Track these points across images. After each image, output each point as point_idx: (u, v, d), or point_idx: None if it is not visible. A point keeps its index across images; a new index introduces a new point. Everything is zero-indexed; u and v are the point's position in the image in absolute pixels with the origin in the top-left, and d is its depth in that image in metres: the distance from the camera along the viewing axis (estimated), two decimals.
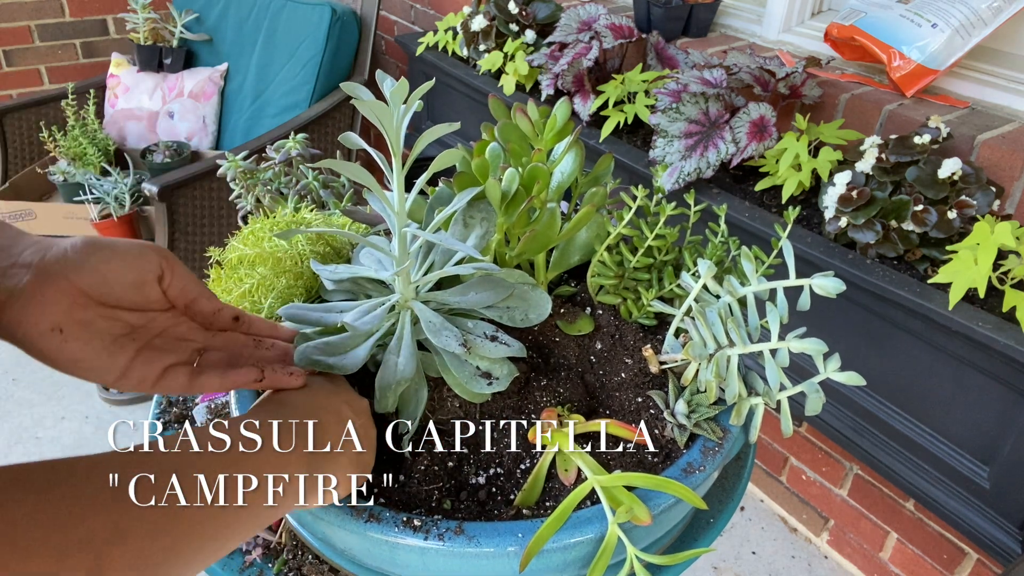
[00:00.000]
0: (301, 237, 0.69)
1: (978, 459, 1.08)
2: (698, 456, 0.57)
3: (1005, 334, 0.95)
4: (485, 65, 1.65)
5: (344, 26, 2.11)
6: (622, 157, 1.37)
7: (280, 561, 0.63)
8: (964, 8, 1.23)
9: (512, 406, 0.61)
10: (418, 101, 0.54)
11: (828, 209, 1.12)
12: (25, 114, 2.12)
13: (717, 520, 0.66)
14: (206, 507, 0.40)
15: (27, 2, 2.48)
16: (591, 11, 1.55)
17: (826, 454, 1.56)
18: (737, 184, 1.29)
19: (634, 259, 0.67)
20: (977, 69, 1.32)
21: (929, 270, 1.06)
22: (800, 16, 1.60)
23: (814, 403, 0.55)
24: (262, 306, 0.65)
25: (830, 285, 0.54)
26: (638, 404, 0.62)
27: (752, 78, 1.28)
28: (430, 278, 0.60)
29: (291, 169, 0.92)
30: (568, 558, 0.51)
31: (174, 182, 1.71)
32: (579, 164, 0.67)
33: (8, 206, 1.87)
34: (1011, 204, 1.13)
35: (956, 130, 1.16)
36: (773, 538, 1.71)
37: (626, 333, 0.69)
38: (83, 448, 1.91)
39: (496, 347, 0.57)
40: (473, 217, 0.64)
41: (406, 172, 0.56)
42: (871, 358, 1.15)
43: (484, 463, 0.58)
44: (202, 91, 2.23)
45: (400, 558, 0.52)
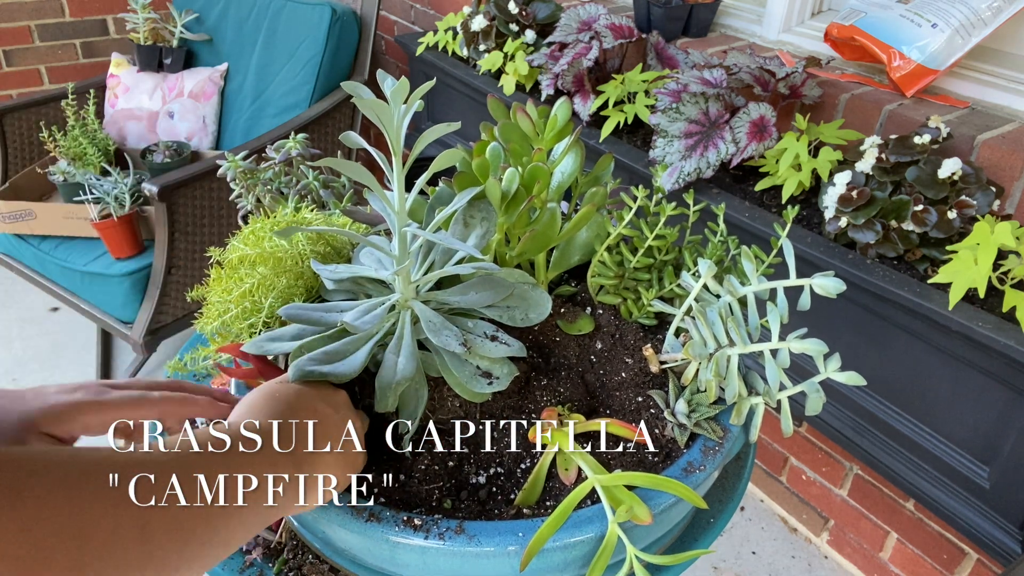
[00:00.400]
0: (301, 237, 0.69)
1: (978, 459, 1.08)
2: (698, 456, 0.57)
3: (1005, 334, 0.95)
4: (485, 65, 1.65)
5: (344, 26, 2.11)
6: (622, 157, 1.37)
7: (280, 561, 0.63)
8: (964, 8, 1.23)
9: (512, 406, 0.61)
10: (418, 101, 0.54)
11: (828, 209, 1.12)
12: (25, 114, 2.12)
13: (717, 520, 0.66)
14: (204, 508, 0.40)
15: (27, 2, 2.48)
16: (591, 11, 1.55)
17: (826, 454, 1.56)
18: (737, 184, 1.29)
19: (634, 259, 0.67)
20: (977, 69, 1.32)
21: (929, 270, 1.06)
22: (800, 16, 1.60)
23: (814, 403, 0.55)
24: (263, 305, 0.65)
25: (830, 285, 0.54)
26: (638, 404, 0.62)
27: (752, 78, 1.28)
28: (430, 278, 0.60)
29: (291, 169, 0.92)
30: (568, 557, 0.51)
31: (174, 182, 1.71)
32: (579, 164, 0.67)
33: (8, 206, 1.87)
34: (1011, 204, 1.13)
35: (956, 130, 1.16)
36: (773, 538, 1.71)
37: (626, 333, 0.69)
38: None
39: (496, 347, 0.57)
40: (473, 217, 0.64)
41: (406, 172, 0.56)
42: (871, 358, 1.15)
43: (484, 463, 0.58)
44: (202, 91, 2.23)
45: (400, 557, 0.52)
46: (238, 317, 0.65)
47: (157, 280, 1.80)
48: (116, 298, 1.85)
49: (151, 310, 1.81)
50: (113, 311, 1.89)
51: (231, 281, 0.66)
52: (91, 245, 1.89)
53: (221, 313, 0.66)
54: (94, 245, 1.89)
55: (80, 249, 1.89)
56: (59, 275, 1.93)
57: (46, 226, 1.91)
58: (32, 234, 1.93)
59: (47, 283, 1.97)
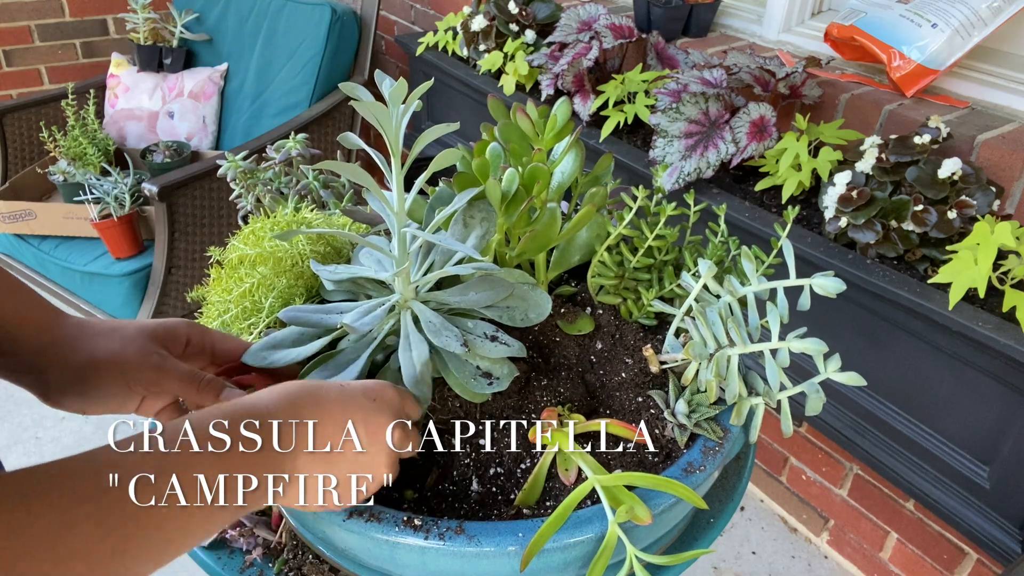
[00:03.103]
0: (301, 237, 0.69)
1: (978, 459, 1.08)
2: (698, 456, 0.57)
3: (1005, 334, 0.95)
4: (485, 65, 1.65)
5: (344, 26, 2.11)
6: (622, 157, 1.37)
7: (280, 561, 0.63)
8: (964, 8, 1.23)
9: (512, 406, 0.61)
10: (417, 101, 0.54)
11: (828, 209, 1.12)
12: (25, 114, 2.12)
13: (717, 520, 0.66)
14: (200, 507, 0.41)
15: (27, 2, 2.48)
16: (591, 11, 1.55)
17: (826, 454, 1.56)
18: (737, 184, 1.29)
19: (634, 259, 0.67)
20: (977, 69, 1.32)
21: (929, 270, 1.06)
22: (800, 16, 1.60)
23: (814, 403, 0.55)
24: (263, 305, 0.65)
25: (830, 285, 0.54)
26: (638, 404, 0.62)
27: (752, 78, 1.28)
28: (430, 278, 0.60)
29: (291, 169, 0.93)
30: (568, 558, 0.51)
31: (174, 182, 1.71)
32: (579, 164, 0.67)
33: (8, 206, 1.87)
34: (1011, 204, 1.13)
35: (956, 130, 1.16)
36: (773, 538, 1.71)
37: (626, 333, 0.69)
38: (83, 448, 1.90)
39: (496, 347, 0.57)
40: (473, 217, 0.64)
41: (405, 172, 0.56)
42: (871, 358, 1.15)
43: (484, 463, 0.58)
44: (202, 91, 2.23)
45: (400, 557, 0.52)
46: (238, 317, 0.65)
47: (157, 280, 1.80)
48: (116, 298, 1.86)
49: (151, 310, 1.81)
50: (113, 311, 1.89)
51: (231, 281, 0.66)
52: (91, 245, 1.89)
53: (221, 313, 0.66)
54: (94, 245, 1.89)
55: (80, 249, 1.89)
56: (59, 275, 1.93)
57: (46, 226, 1.91)
58: (32, 234, 1.93)
59: (47, 283, 1.97)
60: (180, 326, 0.58)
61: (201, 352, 0.59)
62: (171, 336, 0.57)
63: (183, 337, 0.58)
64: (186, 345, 0.58)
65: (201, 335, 0.59)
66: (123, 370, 0.54)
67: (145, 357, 0.54)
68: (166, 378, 0.54)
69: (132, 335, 0.55)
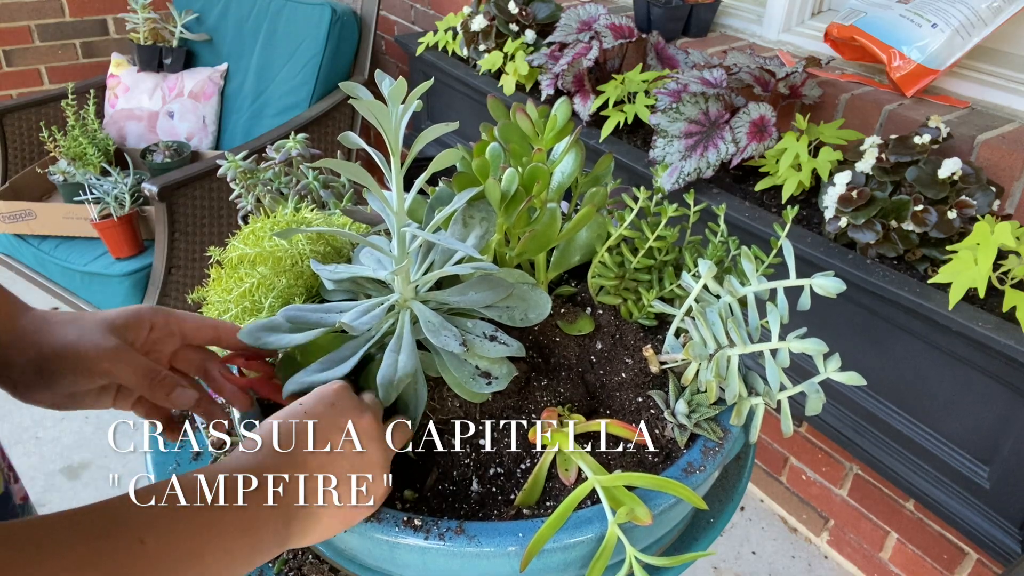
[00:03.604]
0: (301, 237, 0.69)
1: (978, 459, 1.08)
2: (698, 456, 0.57)
3: (1005, 334, 0.95)
4: (485, 65, 1.65)
5: (344, 26, 2.11)
6: (622, 157, 1.37)
7: (280, 561, 0.63)
8: (964, 8, 1.23)
9: (512, 406, 0.61)
10: (417, 101, 0.54)
11: (828, 209, 1.12)
12: (25, 114, 2.12)
13: (717, 520, 0.66)
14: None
15: (27, 2, 2.48)
16: (591, 11, 1.55)
17: (826, 454, 1.56)
18: (737, 184, 1.29)
19: (635, 259, 0.67)
20: (977, 69, 1.32)
21: (929, 270, 1.06)
22: (800, 16, 1.60)
23: (814, 403, 0.55)
24: (263, 305, 0.65)
25: (830, 285, 0.53)
26: (638, 404, 0.62)
27: (752, 78, 1.28)
28: (429, 278, 0.60)
29: (291, 169, 0.92)
30: (568, 558, 0.51)
31: (174, 182, 1.71)
32: (579, 164, 0.67)
33: (8, 206, 1.87)
34: (1011, 204, 1.13)
35: (956, 130, 1.16)
36: (773, 538, 1.71)
37: (626, 333, 0.69)
38: (83, 448, 1.91)
39: (495, 347, 0.57)
40: (473, 217, 0.64)
41: (405, 172, 0.56)
42: (871, 358, 1.15)
43: (484, 463, 0.58)
44: (202, 91, 2.23)
45: (400, 558, 0.52)
46: (238, 317, 0.65)
47: (157, 280, 1.80)
48: (116, 298, 1.86)
49: None
50: None
51: (231, 281, 0.66)
52: (91, 245, 1.89)
53: (221, 313, 0.66)
54: (94, 245, 1.89)
55: (80, 249, 1.89)
56: (59, 275, 1.93)
57: (46, 226, 1.91)
58: (32, 234, 1.93)
59: (47, 283, 1.97)
60: (143, 312, 0.57)
61: (169, 335, 0.58)
62: (132, 324, 0.56)
63: (146, 324, 0.57)
64: (150, 331, 0.57)
65: (166, 318, 0.58)
66: (79, 360, 0.53)
67: (101, 347, 0.53)
68: (122, 368, 0.53)
69: (89, 325, 0.54)
